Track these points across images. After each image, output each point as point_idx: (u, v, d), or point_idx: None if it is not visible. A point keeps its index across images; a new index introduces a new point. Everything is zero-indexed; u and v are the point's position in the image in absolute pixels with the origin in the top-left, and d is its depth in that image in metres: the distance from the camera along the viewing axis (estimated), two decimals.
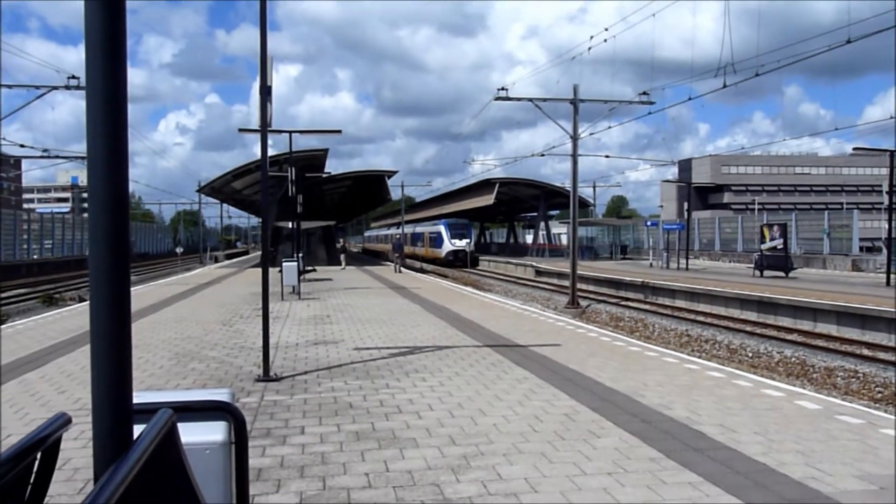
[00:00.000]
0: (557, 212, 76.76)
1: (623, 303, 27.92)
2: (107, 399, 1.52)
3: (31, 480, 1.44)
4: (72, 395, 8.06)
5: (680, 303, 25.81)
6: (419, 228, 66.33)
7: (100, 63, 1.51)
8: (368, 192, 55.05)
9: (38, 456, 1.43)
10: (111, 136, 1.53)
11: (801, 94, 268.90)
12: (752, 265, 33.10)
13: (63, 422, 1.54)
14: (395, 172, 49.05)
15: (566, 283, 30.77)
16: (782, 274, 30.32)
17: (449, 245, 55.67)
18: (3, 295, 28.81)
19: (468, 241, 55.91)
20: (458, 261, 54.27)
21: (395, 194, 61.02)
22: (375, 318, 15.50)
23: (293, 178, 24.97)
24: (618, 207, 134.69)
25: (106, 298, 1.54)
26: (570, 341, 12.07)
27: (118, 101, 1.54)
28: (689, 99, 25.74)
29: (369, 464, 5.55)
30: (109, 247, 1.53)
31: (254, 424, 6.70)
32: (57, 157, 31.62)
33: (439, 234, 58.08)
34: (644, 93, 27.41)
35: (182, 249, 67.71)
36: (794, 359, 16.46)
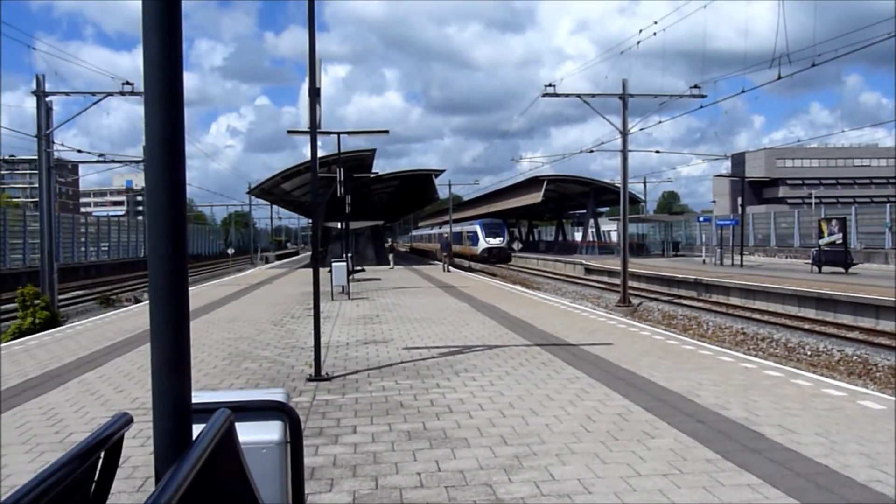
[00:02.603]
0: (607, 209, 75.92)
1: (676, 300, 27.47)
2: (167, 399, 1.55)
3: (96, 478, 1.47)
4: (129, 395, 8.27)
5: (735, 300, 25.29)
6: (458, 228, 68.04)
7: (157, 68, 1.54)
8: (416, 191, 55.30)
9: (102, 454, 1.46)
10: (169, 139, 1.56)
11: (862, 84, 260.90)
12: (810, 261, 32.25)
13: (125, 421, 1.57)
14: (442, 171, 49.21)
15: (617, 280, 30.42)
16: (842, 270, 29.47)
17: (484, 243, 60.62)
18: (63, 297, 29.72)
19: (502, 238, 61.41)
20: (492, 257, 59.40)
21: (443, 193, 61.33)
22: (424, 318, 15.55)
23: (342, 178, 25.22)
24: (669, 203, 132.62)
25: (165, 299, 1.57)
26: (621, 340, 11.93)
27: (176, 104, 1.56)
28: (743, 91, 25.03)
29: (421, 463, 5.57)
30: (168, 248, 1.56)
31: (306, 424, 6.78)
32: (113, 161, 32.46)
33: (475, 233, 62.83)
34: (696, 86, 26.93)
35: (233, 250, 69.06)
36: (855, 357, 15.99)
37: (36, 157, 24.97)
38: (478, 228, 62.70)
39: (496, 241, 60.73)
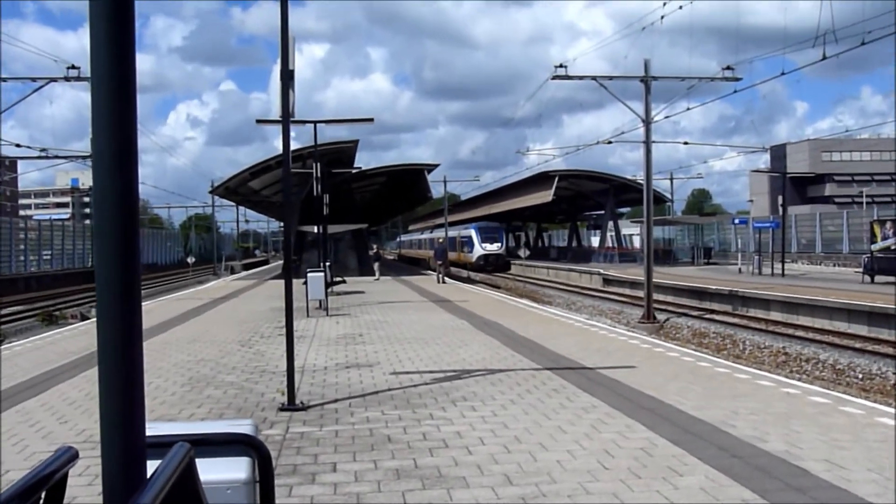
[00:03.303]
0: (628, 209, 75.99)
1: (708, 316, 27.52)
2: (117, 431, 1.55)
3: None
4: (75, 426, 8.26)
5: (775, 315, 25.34)
6: (452, 232, 68.37)
7: (106, 49, 1.55)
8: (405, 189, 55.37)
9: (44, 494, 1.47)
10: (120, 131, 1.56)
11: None
12: (861, 269, 32.35)
13: (69, 457, 1.58)
14: (436, 166, 49.26)
15: (640, 293, 30.46)
16: None
17: (480, 249, 62.77)
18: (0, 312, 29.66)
19: (500, 244, 63.75)
20: (489, 265, 61.32)
21: (437, 191, 61.27)
22: (416, 337, 15.57)
23: (319, 174, 25.23)
24: (700, 203, 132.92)
25: (115, 316, 1.57)
26: (645, 362, 11.95)
27: (127, 91, 1.57)
28: (783, 73, 25.11)
29: None
30: (118, 257, 1.57)
31: (278, 460, 6.78)
32: (56, 157, 32.51)
33: (470, 238, 64.66)
34: (729, 67, 27.01)
35: (194, 259, 69.00)
36: None
37: None
38: (473, 233, 64.60)
39: (493, 248, 63.01)
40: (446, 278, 37.05)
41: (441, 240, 56.50)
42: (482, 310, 21.33)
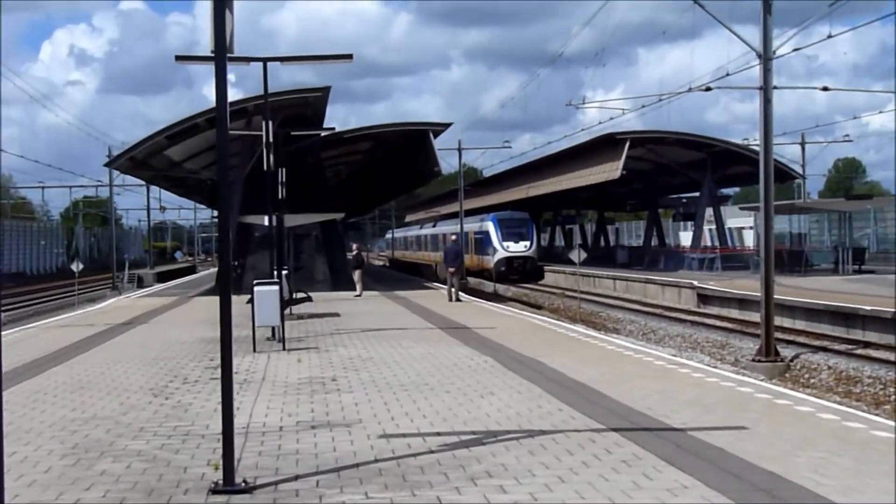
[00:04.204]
0: (735, 190, 75.94)
1: (860, 352, 27.39)
2: None
3: None
4: None
5: None
6: (467, 226, 68.26)
7: None
8: (401, 160, 55.43)
9: None
10: None
11: None
12: None
13: None
14: (447, 126, 49.18)
15: (754, 316, 30.39)
16: None
17: (501, 250, 63.67)
18: None
19: (528, 243, 64.56)
20: (512, 272, 62.77)
21: (449, 165, 61.30)
22: (417, 382, 15.57)
23: (271, 138, 25.25)
24: (847, 180, 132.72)
25: None
26: (763, 421, 11.92)
27: None
28: None
29: None
30: None
31: None
32: None
33: (486, 234, 65.59)
34: None
35: (81, 266, 69.25)
36: None
37: None
38: (490, 226, 65.09)
39: (519, 247, 63.70)
40: (461, 294, 36.98)
41: (453, 237, 56.60)
42: (515, 341, 21.31)
